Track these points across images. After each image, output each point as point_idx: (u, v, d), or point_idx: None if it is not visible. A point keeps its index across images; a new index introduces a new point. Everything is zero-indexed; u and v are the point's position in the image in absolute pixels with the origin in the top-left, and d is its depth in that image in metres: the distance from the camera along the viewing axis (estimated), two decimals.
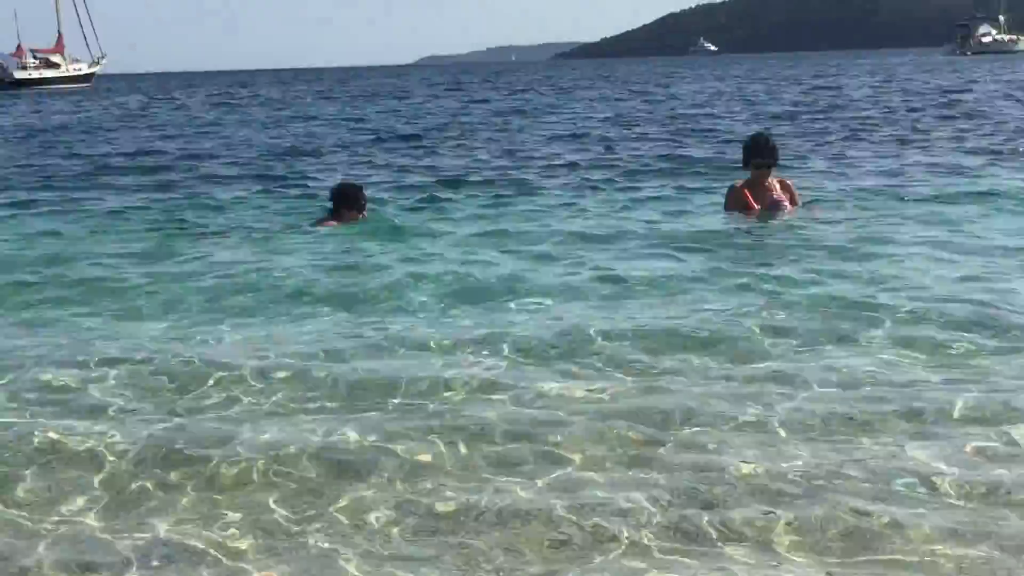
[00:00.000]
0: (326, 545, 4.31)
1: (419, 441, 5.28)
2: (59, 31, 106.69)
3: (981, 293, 8.09)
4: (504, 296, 8.47)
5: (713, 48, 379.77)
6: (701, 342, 6.90)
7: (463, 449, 5.20)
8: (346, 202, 12.17)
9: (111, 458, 5.16)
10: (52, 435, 5.42)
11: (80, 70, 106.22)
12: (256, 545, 4.32)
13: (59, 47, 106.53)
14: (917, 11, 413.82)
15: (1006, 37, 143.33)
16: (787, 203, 11.80)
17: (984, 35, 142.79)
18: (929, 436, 5.25)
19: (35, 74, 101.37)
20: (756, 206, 11.80)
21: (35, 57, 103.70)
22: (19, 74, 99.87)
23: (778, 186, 11.96)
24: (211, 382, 6.31)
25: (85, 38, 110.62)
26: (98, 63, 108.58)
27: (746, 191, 11.96)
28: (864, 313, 7.54)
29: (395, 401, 5.93)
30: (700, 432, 5.34)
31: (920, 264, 9.37)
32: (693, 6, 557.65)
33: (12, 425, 5.62)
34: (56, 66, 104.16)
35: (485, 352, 6.85)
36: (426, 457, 5.11)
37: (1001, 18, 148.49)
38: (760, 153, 11.92)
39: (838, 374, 6.22)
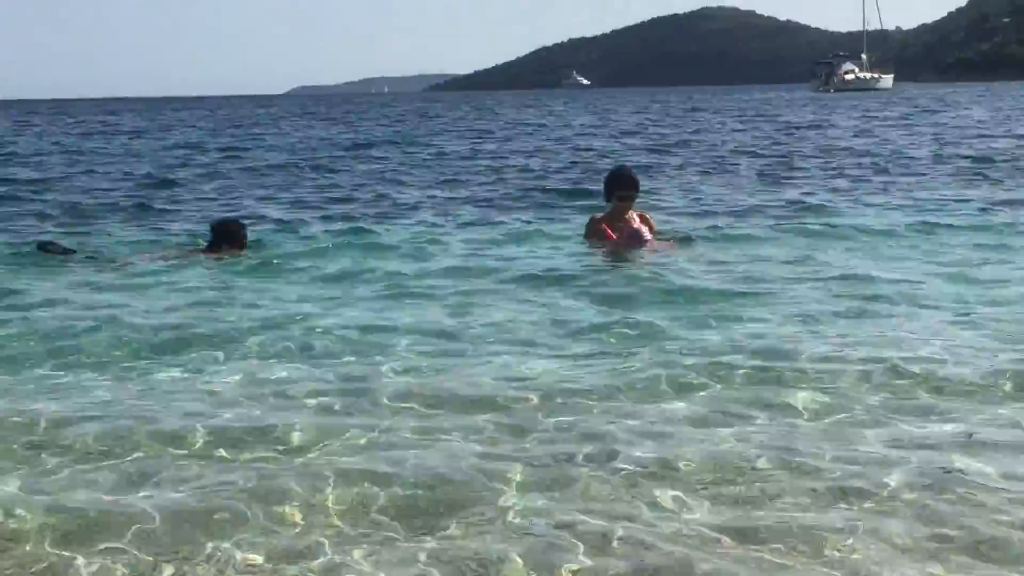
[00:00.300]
0: None
1: (253, 494, 5.10)
2: None
3: (825, 336, 8.08)
4: (360, 340, 8.23)
5: (586, 82, 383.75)
6: (544, 392, 6.72)
7: (303, 501, 5.05)
8: (227, 238, 12.12)
9: None
10: None
11: None
12: None
13: None
14: (784, 49, 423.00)
15: (868, 75, 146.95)
16: (647, 235, 11.89)
17: (847, 73, 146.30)
18: (735, 484, 5.19)
19: None
20: (616, 238, 11.89)
21: None
22: None
23: (637, 219, 12.08)
24: (38, 433, 6.03)
25: None
26: None
27: (605, 223, 12.07)
28: (706, 359, 7.41)
29: (233, 454, 5.70)
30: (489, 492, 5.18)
31: (773, 305, 9.28)
32: (565, 40, 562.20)
33: None
34: None
35: (333, 401, 6.63)
36: (262, 511, 4.94)
37: (863, 56, 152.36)
38: (621, 185, 12.05)
39: (658, 423, 6.12)
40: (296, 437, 5.91)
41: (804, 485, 5.15)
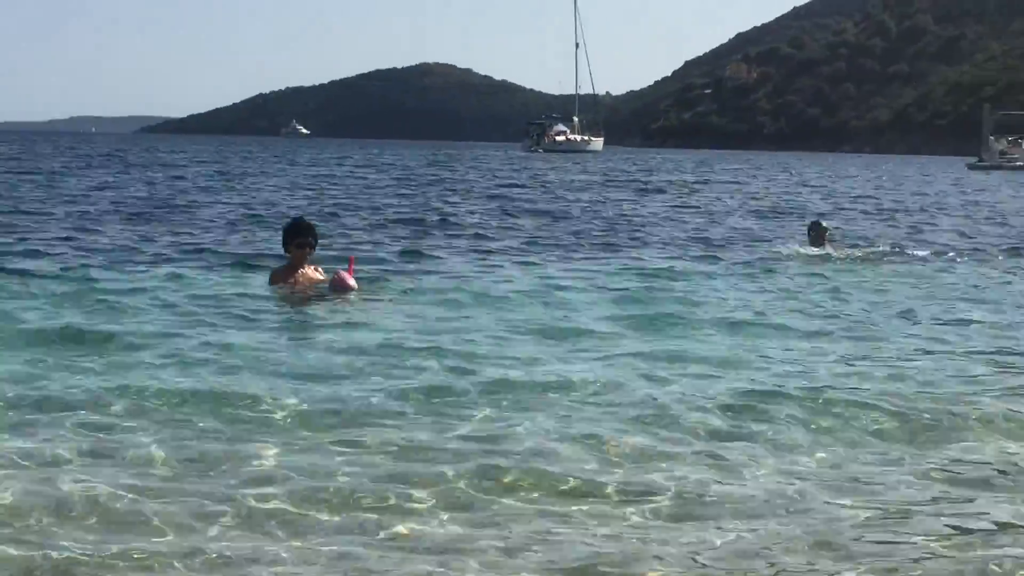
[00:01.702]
0: None
1: None
2: None
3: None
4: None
5: (305, 131, 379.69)
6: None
7: None
8: None
9: None
10: None
11: None
12: None
13: None
14: (501, 108, 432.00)
15: (579, 137, 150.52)
16: (351, 283, 12.09)
17: (558, 134, 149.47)
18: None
19: None
20: (295, 286, 12.05)
21: None
22: None
23: (313, 269, 12.25)
24: None
25: None
26: None
27: (285, 273, 12.22)
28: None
29: None
30: None
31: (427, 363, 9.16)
32: (283, 88, 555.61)
33: None
34: None
35: None
36: None
37: (575, 119, 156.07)
38: (298, 233, 12.22)
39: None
40: None
41: None
